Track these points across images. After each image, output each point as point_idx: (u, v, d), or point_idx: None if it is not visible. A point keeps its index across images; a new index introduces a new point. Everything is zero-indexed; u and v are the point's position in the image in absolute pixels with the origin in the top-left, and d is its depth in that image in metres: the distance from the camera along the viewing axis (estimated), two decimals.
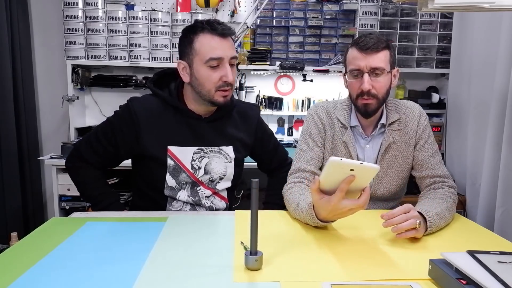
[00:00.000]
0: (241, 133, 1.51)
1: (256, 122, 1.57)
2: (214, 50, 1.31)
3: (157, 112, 1.41)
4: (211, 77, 1.33)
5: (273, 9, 2.84)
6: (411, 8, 2.77)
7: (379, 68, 1.34)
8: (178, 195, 1.43)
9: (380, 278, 0.90)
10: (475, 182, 2.22)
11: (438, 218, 1.18)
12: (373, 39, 1.35)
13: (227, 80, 1.33)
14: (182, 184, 1.43)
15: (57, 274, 0.90)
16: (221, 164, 1.46)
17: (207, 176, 1.44)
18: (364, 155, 1.45)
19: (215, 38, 1.32)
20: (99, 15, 2.67)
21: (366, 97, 1.35)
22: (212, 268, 0.94)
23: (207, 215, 1.40)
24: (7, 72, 2.57)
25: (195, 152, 1.42)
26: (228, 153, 1.47)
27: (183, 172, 1.41)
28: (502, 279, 0.76)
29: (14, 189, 2.63)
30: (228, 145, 1.47)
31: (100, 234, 1.15)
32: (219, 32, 1.32)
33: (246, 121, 1.54)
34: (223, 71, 1.33)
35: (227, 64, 1.33)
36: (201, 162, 1.43)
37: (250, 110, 1.57)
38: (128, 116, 1.39)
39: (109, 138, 1.43)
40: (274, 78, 2.99)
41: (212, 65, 1.32)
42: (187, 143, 1.41)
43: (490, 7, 1.17)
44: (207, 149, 1.44)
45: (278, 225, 1.26)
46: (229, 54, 1.33)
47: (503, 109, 1.86)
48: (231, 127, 1.49)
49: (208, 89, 1.34)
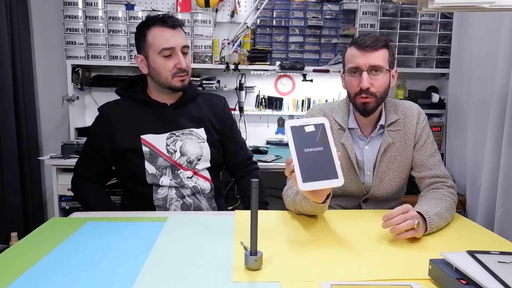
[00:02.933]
0: (210, 117, 1.60)
1: (223, 110, 1.66)
2: (166, 41, 1.46)
3: (126, 109, 1.54)
4: (166, 65, 1.47)
5: (273, 9, 2.83)
6: (411, 8, 2.77)
7: (378, 66, 1.34)
8: (161, 180, 1.49)
9: (380, 278, 0.90)
10: (475, 182, 2.22)
11: (437, 218, 1.18)
12: (372, 37, 1.35)
13: (181, 67, 1.47)
14: (162, 169, 1.50)
15: (57, 274, 0.90)
16: (195, 144, 1.53)
17: (184, 157, 1.51)
18: (363, 157, 1.45)
19: (166, 30, 1.47)
20: (99, 15, 2.67)
21: (365, 95, 1.35)
22: (212, 268, 0.94)
23: (207, 215, 1.40)
24: (7, 72, 2.56)
25: (168, 138, 1.52)
26: (200, 134, 1.56)
27: (160, 157, 1.49)
28: (502, 279, 0.76)
29: (14, 189, 2.63)
30: (199, 127, 1.57)
31: (100, 234, 1.15)
32: (169, 24, 1.47)
33: (212, 108, 1.63)
34: (177, 59, 1.47)
35: (180, 52, 1.48)
36: (176, 145, 1.51)
37: (215, 98, 1.68)
38: (100, 121, 1.56)
39: (94, 148, 1.56)
40: (274, 78, 2.99)
41: (165, 55, 1.46)
42: (159, 130, 1.51)
43: (490, 7, 1.17)
44: (178, 132, 1.53)
45: (278, 225, 1.26)
46: (180, 43, 1.47)
47: (503, 109, 1.86)
48: (198, 111, 1.59)
49: (165, 76, 1.48)
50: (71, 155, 2.44)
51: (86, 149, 1.59)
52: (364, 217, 1.34)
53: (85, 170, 1.58)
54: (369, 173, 1.46)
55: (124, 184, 1.59)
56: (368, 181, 1.46)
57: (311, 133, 1.02)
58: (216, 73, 2.88)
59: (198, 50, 2.72)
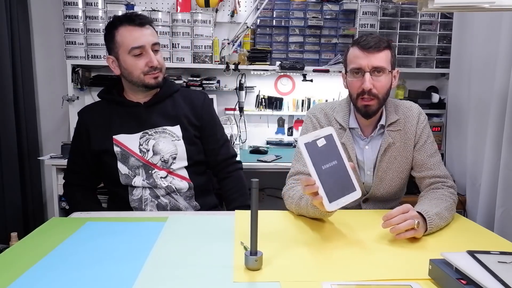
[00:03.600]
0: (187, 113, 1.57)
1: (202, 105, 1.61)
2: (134, 39, 1.44)
3: (101, 111, 1.55)
4: (137, 64, 1.45)
5: (273, 9, 2.83)
6: (411, 8, 2.77)
7: (381, 67, 1.33)
8: (134, 181, 1.49)
9: (380, 278, 0.90)
10: (475, 182, 2.22)
11: (437, 217, 1.18)
12: (374, 38, 1.34)
13: (152, 65, 1.45)
14: (135, 169, 1.50)
15: (57, 274, 0.90)
16: (169, 143, 1.51)
17: (157, 157, 1.50)
18: (363, 157, 1.45)
19: (134, 28, 1.44)
20: (99, 15, 2.67)
21: (367, 97, 1.34)
22: (212, 268, 0.94)
23: (207, 215, 1.40)
24: (7, 72, 2.56)
25: (141, 137, 1.51)
26: (175, 132, 1.53)
27: (132, 157, 1.49)
28: (502, 279, 0.76)
29: (14, 189, 2.63)
30: (174, 124, 1.54)
31: (100, 234, 1.15)
32: (136, 22, 1.45)
33: (190, 103, 1.60)
34: (147, 58, 1.45)
35: (150, 50, 1.46)
36: (148, 144, 1.50)
37: (194, 94, 1.65)
38: (79, 125, 1.57)
39: (76, 153, 1.58)
40: (274, 78, 2.99)
41: (135, 54, 1.44)
42: (132, 130, 1.51)
43: (490, 7, 1.17)
44: (151, 131, 1.52)
45: (278, 225, 1.26)
46: (150, 41, 1.46)
47: (503, 109, 1.86)
48: (174, 108, 1.56)
49: (137, 75, 1.46)
50: None
51: (71, 155, 1.61)
52: (364, 217, 1.34)
53: (73, 176, 1.60)
54: (369, 173, 1.46)
55: (106, 186, 1.61)
56: (368, 181, 1.46)
57: (324, 147, 1.03)
58: (216, 73, 2.88)
59: (198, 50, 2.72)
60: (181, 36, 2.70)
